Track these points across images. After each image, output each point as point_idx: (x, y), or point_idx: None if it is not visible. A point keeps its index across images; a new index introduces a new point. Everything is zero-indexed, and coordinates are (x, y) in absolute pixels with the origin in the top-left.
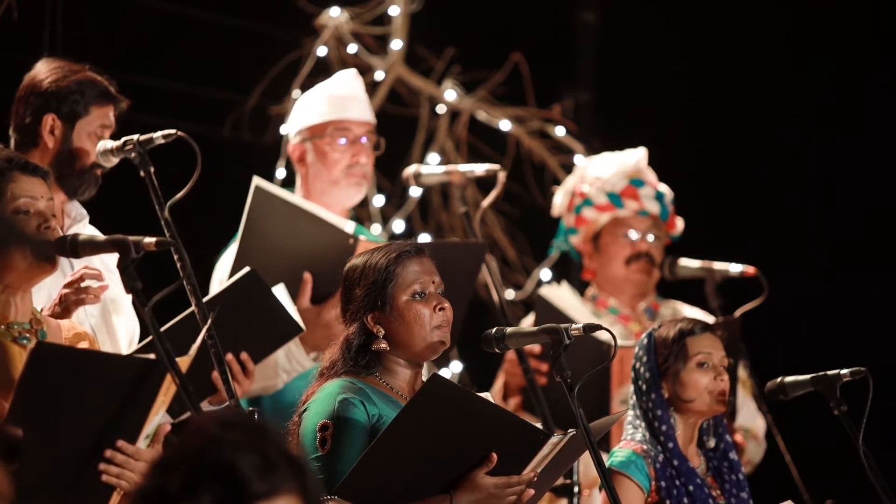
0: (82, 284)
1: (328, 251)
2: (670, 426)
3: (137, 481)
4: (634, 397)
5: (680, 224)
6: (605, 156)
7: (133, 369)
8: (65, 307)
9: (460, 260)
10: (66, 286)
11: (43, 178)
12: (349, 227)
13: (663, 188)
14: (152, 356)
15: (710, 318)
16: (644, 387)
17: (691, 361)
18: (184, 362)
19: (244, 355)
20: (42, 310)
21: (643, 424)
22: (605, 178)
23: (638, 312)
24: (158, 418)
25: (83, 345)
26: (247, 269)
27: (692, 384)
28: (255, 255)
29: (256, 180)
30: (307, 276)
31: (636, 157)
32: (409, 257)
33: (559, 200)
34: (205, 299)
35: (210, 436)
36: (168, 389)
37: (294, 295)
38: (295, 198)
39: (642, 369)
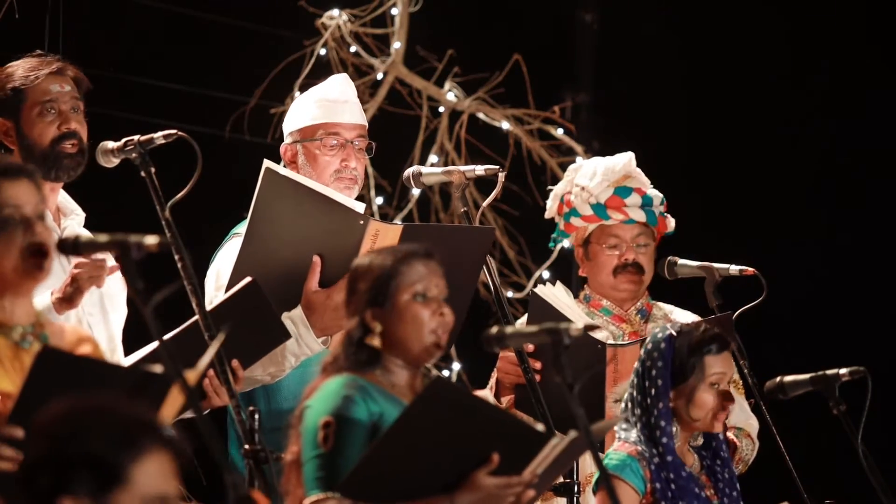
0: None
1: (338, 233)
2: (671, 438)
3: None
4: (631, 391)
5: (671, 222)
6: (593, 162)
7: (136, 381)
8: (76, 287)
9: (467, 245)
10: (76, 266)
11: (28, 177)
12: (359, 207)
13: (652, 192)
14: (157, 368)
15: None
16: (653, 391)
17: (706, 381)
18: (192, 376)
19: (235, 362)
20: (52, 293)
21: (639, 424)
22: (590, 189)
23: (631, 313)
24: None
25: (86, 347)
26: (248, 279)
27: (702, 404)
28: (263, 239)
29: (267, 163)
30: (316, 258)
31: (622, 162)
32: (417, 258)
33: (550, 204)
34: (207, 309)
35: (57, 438)
36: (171, 404)
37: (302, 278)
38: (305, 179)
39: (654, 372)
